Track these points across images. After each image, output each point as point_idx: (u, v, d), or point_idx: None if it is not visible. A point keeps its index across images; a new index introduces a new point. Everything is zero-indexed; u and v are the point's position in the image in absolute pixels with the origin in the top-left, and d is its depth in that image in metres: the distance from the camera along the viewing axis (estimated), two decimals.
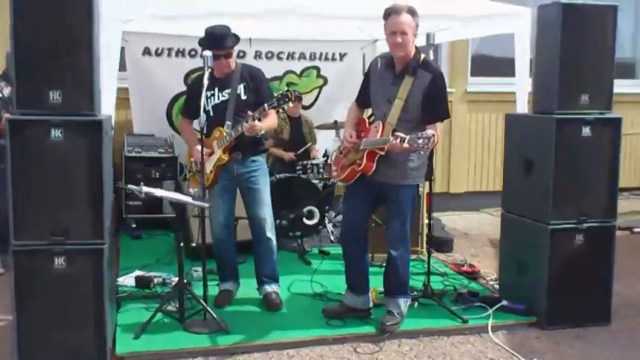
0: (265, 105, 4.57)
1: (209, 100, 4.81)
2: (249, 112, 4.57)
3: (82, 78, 3.88)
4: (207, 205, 4.41)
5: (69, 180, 3.88)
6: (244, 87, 4.80)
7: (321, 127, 6.92)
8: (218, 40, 4.72)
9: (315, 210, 6.27)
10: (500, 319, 4.66)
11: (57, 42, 3.82)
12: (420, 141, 3.94)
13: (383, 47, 7.32)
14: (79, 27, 3.84)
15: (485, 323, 4.60)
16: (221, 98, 4.78)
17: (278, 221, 5.74)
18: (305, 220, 6.25)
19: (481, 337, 4.51)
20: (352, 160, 4.48)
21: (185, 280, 5.08)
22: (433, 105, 4.28)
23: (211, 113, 4.82)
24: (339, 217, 6.99)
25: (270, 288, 4.90)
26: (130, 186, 4.28)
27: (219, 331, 4.37)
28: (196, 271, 5.41)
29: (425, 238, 5.91)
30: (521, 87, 5.28)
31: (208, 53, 4.51)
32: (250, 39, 6.92)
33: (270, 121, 4.76)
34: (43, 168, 3.85)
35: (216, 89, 4.78)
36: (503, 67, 7.96)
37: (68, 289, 3.92)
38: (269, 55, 7.13)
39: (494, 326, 4.58)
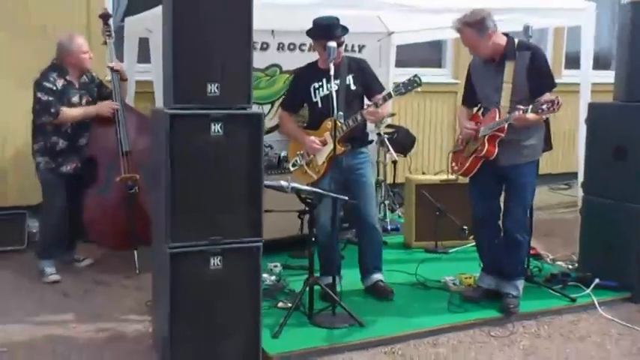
0: (391, 91, 4.59)
1: (317, 91, 4.76)
2: (374, 99, 4.61)
3: (239, 70, 3.73)
4: (346, 197, 4.35)
5: (228, 176, 3.71)
6: (353, 77, 4.77)
7: None
8: (329, 29, 4.66)
9: None
10: (598, 296, 4.87)
11: (216, 32, 3.66)
12: (544, 106, 4.16)
13: (398, 39, 7.49)
14: (237, 14, 3.70)
15: (586, 301, 4.82)
16: (330, 89, 4.70)
17: None
18: None
19: (589, 313, 4.73)
20: (472, 149, 4.58)
21: (278, 278, 5.04)
22: (538, 78, 4.45)
23: (319, 105, 4.77)
24: None
25: (376, 277, 4.91)
26: (273, 182, 4.15)
27: (353, 325, 4.34)
28: (276, 266, 5.31)
29: None
30: (585, 77, 5.53)
31: (333, 44, 4.44)
32: (273, 30, 6.82)
33: (387, 109, 4.76)
34: (202, 165, 3.66)
35: (324, 80, 4.72)
36: None
37: (223, 290, 3.76)
38: (291, 46, 7.01)
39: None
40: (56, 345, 4.18)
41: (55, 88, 5.15)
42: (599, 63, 5.54)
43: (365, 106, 4.76)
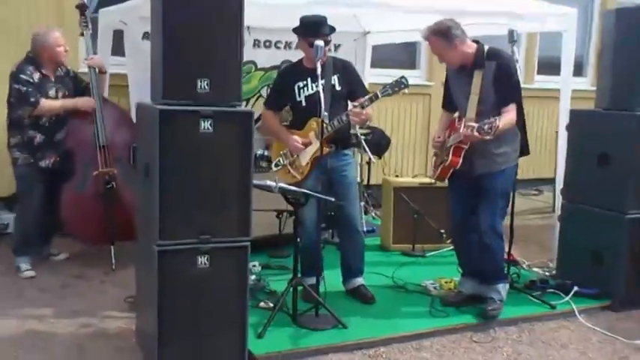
0: (378, 92, 4.55)
1: (301, 90, 4.71)
2: (360, 100, 4.57)
3: (229, 66, 3.67)
4: (332, 199, 4.32)
5: (217, 174, 3.65)
6: (338, 78, 4.72)
7: None
8: (317, 27, 4.62)
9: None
10: (577, 303, 4.89)
11: (206, 28, 3.59)
12: (486, 127, 4.21)
13: (373, 39, 7.48)
14: (228, 11, 3.63)
15: (566, 309, 4.84)
16: (315, 89, 4.65)
17: None
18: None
19: (569, 321, 4.75)
20: (442, 158, 4.64)
21: (258, 278, 4.99)
22: (501, 89, 4.46)
23: (304, 104, 4.72)
24: None
25: (359, 281, 4.89)
26: (260, 182, 4.08)
27: (336, 326, 4.31)
28: (255, 265, 5.25)
29: None
30: (566, 84, 5.57)
31: (320, 43, 4.39)
32: (249, 27, 6.74)
33: (371, 111, 4.74)
34: (191, 162, 3.59)
35: (309, 80, 4.68)
36: None
37: (211, 288, 3.69)
38: (267, 43, 6.94)
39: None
40: (36, 340, 4.10)
41: (31, 80, 5.03)
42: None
43: (350, 107, 4.72)
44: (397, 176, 7.47)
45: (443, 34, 4.43)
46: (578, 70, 9.17)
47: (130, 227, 5.29)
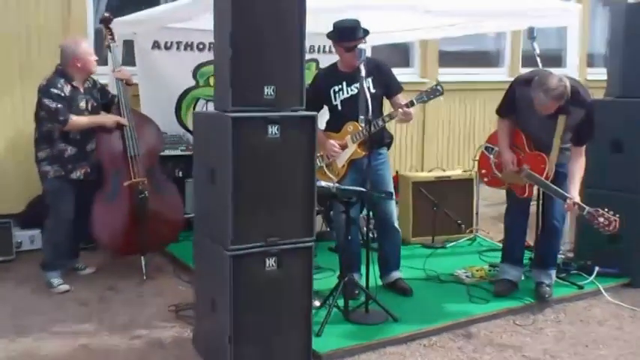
0: (414, 99, 4.70)
1: (337, 94, 4.83)
2: (402, 102, 4.76)
3: (293, 72, 3.81)
4: (383, 195, 4.48)
5: (284, 178, 3.77)
6: (372, 80, 4.83)
7: None
8: (350, 31, 4.74)
9: None
10: (599, 283, 5.19)
11: (271, 36, 3.71)
12: (601, 220, 4.41)
13: (373, 40, 7.62)
14: (291, 20, 3.75)
15: (592, 288, 5.14)
16: (350, 92, 4.80)
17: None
18: None
19: (597, 299, 5.03)
20: (511, 179, 4.89)
21: None
22: (584, 134, 4.69)
23: (339, 107, 4.84)
24: None
25: (397, 275, 5.06)
26: (322, 182, 4.21)
27: (387, 320, 4.47)
28: None
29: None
30: (572, 74, 5.82)
31: (364, 46, 4.52)
32: None
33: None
34: (259, 166, 3.71)
35: (344, 84, 4.81)
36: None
37: (278, 289, 3.82)
38: None
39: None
40: (95, 355, 4.12)
41: (63, 94, 5.02)
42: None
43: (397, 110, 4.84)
44: (397, 172, 7.65)
45: (564, 96, 4.42)
46: (558, 62, 9.49)
47: (160, 237, 5.43)
